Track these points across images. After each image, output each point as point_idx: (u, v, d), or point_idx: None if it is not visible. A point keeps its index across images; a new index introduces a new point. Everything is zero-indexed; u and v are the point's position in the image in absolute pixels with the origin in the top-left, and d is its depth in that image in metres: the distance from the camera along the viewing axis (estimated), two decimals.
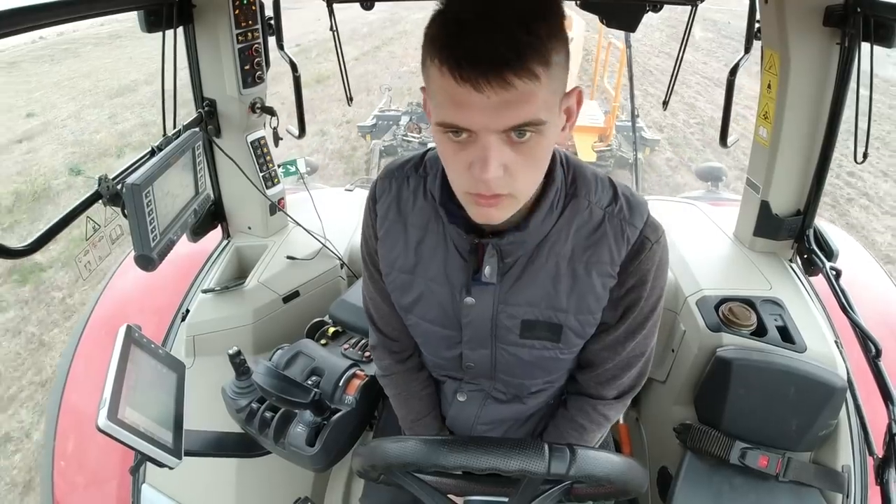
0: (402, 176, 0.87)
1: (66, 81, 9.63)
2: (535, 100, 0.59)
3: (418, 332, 0.94)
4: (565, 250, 0.80)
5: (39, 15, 0.83)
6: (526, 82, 0.58)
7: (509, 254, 0.79)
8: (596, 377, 0.92)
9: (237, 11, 1.35)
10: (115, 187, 1.02)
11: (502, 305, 0.83)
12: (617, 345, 0.88)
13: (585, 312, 0.82)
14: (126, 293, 1.74)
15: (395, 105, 6.33)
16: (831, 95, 1.25)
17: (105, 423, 0.73)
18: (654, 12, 1.48)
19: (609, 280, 0.81)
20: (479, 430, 1.00)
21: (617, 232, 0.79)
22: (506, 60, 0.56)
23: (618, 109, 5.33)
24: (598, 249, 0.79)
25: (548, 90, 0.60)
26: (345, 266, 1.65)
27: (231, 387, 1.06)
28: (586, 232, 0.79)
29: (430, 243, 0.84)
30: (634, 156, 4.50)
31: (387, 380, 1.04)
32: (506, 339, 0.86)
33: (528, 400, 0.97)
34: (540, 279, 0.81)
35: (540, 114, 0.61)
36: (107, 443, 0.74)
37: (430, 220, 0.84)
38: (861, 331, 1.16)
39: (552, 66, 0.60)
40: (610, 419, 0.97)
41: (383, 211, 0.88)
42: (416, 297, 0.88)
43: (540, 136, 0.63)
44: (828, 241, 1.40)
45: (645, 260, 0.79)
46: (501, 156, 0.62)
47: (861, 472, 1.17)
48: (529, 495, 0.79)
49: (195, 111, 1.43)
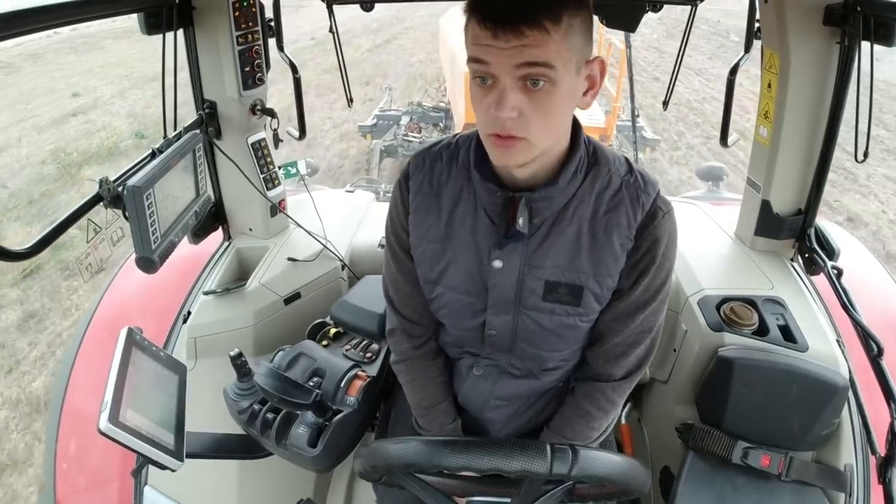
0: (434, 153, 0.94)
1: (97, 69, 10.39)
2: (545, 47, 0.69)
3: (443, 303, 0.97)
4: (587, 213, 0.87)
5: (40, 17, 0.83)
6: (536, 33, 0.68)
7: (538, 212, 0.86)
8: (605, 353, 0.96)
9: (237, 13, 1.35)
10: (117, 189, 1.02)
11: (528, 267, 0.88)
12: (628, 316, 0.92)
13: (604, 275, 0.88)
14: (127, 295, 1.74)
15: (396, 105, 6.33)
16: (831, 95, 1.25)
17: (106, 426, 0.73)
18: (653, 12, 1.48)
19: (627, 242, 0.87)
20: (491, 404, 1.02)
21: (633, 198, 0.86)
22: (520, 14, 0.68)
23: (618, 109, 5.33)
24: (616, 213, 0.86)
25: (560, 43, 0.70)
26: (346, 267, 1.65)
27: (233, 388, 1.06)
28: (606, 196, 0.87)
29: (460, 211, 0.91)
30: (635, 156, 4.50)
31: (403, 365, 1.06)
32: (529, 302, 0.91)
33: (542, 376, 1.00)
34: (563, 241, 0.87)
35: (549, 57, 0.70)
36: (108, 445, 0.74)
37: (463, 189, 0.91)
38: (863, 330, 1.16)
39: (563, 24, 0.70)
40: (616, 404, 0.99)
41: (416, 186, 0.94)
42: (445, 266, 0.93)
43: (552, 86, 0.72)
44: (829, 240, 1.40)
45: (658, 226, 0.87)
46: (516, 99, 0.72)
47: (863, 472, 1.16)
48: (532, 496, 0.79)
49: (196, 113, 1.43)
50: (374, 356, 1.24)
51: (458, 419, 1.05)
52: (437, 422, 1.04)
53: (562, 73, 0.72)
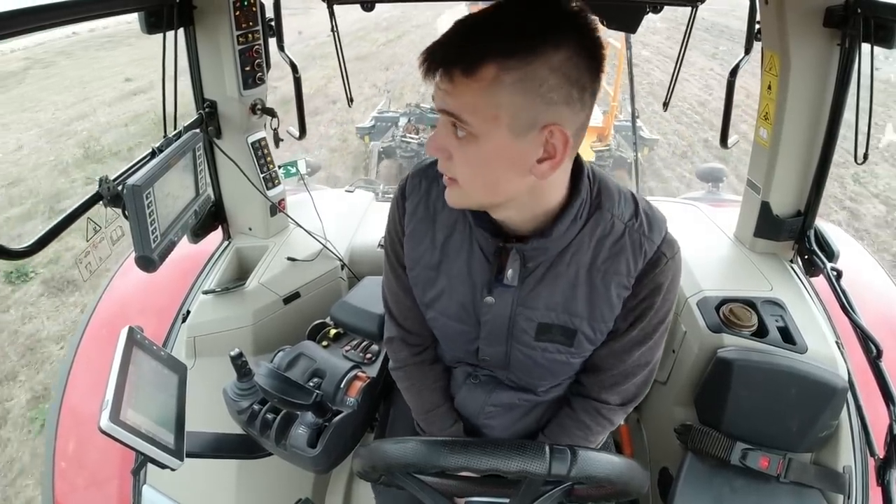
0: (433, 175, 0.90)
1: (135, 61, 10.92)
2: (456, 97, 0.68)
3: (437, 326, 0.97)
4: (586, 259, 0.83)
5: (41, 16, 0.83)
6: (462, 81, 0.66)
7: (532, 258, 0.83)
8: (600, 382, 0.94)
9: (238, 13, 1.35)
10: (116, 188, 1.02)
11: (521, 308, 0.86)
12: (623, 352, 0.90)
13: (599, 320, 0.86)
14: (127, 294, 1.74)
15: (394, 106, 6.33)
16: (831, 96, 1.25)
17: (107, 425, 0.73)
18: (654, 13, 1.48)
19: (624, 291, 0.84)
20: (487, 411, 1.02)
21: (636, 245, 0.82)
22: (440, 57, 0.67)
23: (616, 109, 5.33)
24: (616, 261, 0.82)
25: (477, 97, 0.67)
26: (345, 267, 1.65)
27: (232, 388, 1.06)
28: (607, 244, 0.83)
29: (455, 242, 0.88)
30: (635, 156, 4.50)
31: (401, 372, 1.06)
32: (521, 339, 0.89)
33: (539, 393, 0.99)
34: (559, 285, 0.84)
35: (458, 109, 0.68)
36: (108, 444, 0.74)
37: (458, 220, 0.88)
38: (862, 331, 1.16)
39: (482, 78, 0.65)
40: (613, 423, 0.98)
41: (412, 208, 0.91)
42: (438, 293, 0.92)
43: (474, 139, 0.69)
44: (828, 241, 1.40)
45: (659, 274, 0.83)
46: (445, 139, 0.72)
47: (862, 473, 1.16)
48: (530, 496, 0.79)
49: (196, 112, 1.43)
50: (373, 357, 1.24)
51: (460, 422, 1.04)
52: (437, 425, 1.03)
53: (482, 129, 0.68)
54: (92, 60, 11.34)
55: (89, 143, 6.88)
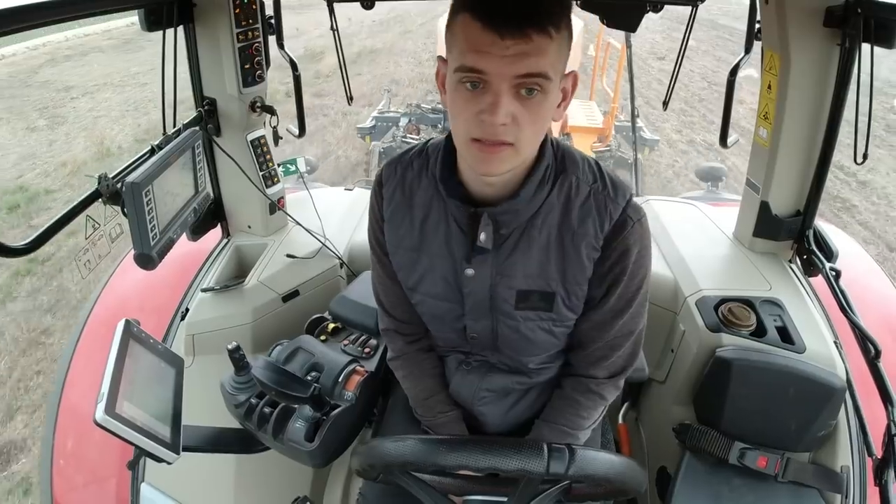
0: (406, 161, 0.94)
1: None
2: (546, 55, 0.69)
3: (424, 310, 0.99)
4: (555, 222, 0.86)
5: (41, 13, 0.83)
6: (541, 38, 0.68)
7: (504, 224, 0.85)
8: (586, 357, 0.97)
9: (237, 10, 1.35)
10: (115, 186, 1.02)
11: (499, 276, 0.89)
12: (605, 324, 0.92)
13: (573, 283, 0.88)
14: (126, 292, 1.74)
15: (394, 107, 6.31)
16: (831, 96, 1.25)
17: (102, 417, 0.73)
18: (654, 12, 1.48)
19: (593, 252, 0.87)
20: (481, 397, 1.03)
21: (601, 207, 0.85)
22: (528, 16, 0.67)
23: (616, 110, 5.32)
24: (583, 223, 0.85)
25: (556, 53, 0.71)
26: (344, 265, 1.65)
27: (230, 382, 1.06)
28: (576, 205, 0.86)
29: (433, 220, 0.91)
30: (634, 156, 4.49)
31: (398, 361, 1.07)
32: (503, 309, 0.91)
33: (530, 373, 1.01)
34: (533, 250, 0.87)
35: (548, 69, 0.70)
36: (106, 441, 0.74)
37: (433, 198, 0.91)
38: (860, 332, 1.16)
39: (562, 33, 0.70)
40: (605, 398, 0.99)
41: (389, 194, 0.94)
42: (422, 274, 0.94)
43: (544, 95, 0.72)
44: (827, 241, 1.40)
45: (627, 236, 0.85)
46: (510, 105, 0.71)
47: (860, 473, 1.17)
48: (528, 495, 0.79)
49: (195, 110, 1.42)
50: (372, 351, 1.24)
51: (458, 408, 1.05)
52: (435, 410, 1.04)
53: (553, 84, 0.72)
54: (131, 56, 10.95)
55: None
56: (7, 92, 8.43)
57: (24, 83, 8.86)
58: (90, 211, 1.02)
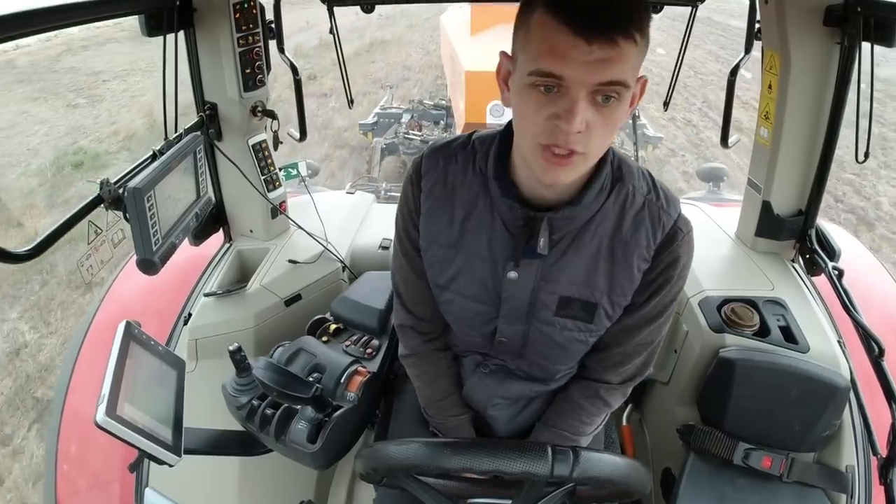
0: (449, 153, 0.89)
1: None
2: (629, 62, 0.66)
3: (452, 309, 0.95)
4: (608, 230, 0.84)
5: (42, 19, 0.83)
6: (627, 44, 0.65)
7: (559, 229, 0.83)
8: (602, 360, 0.95)
9: (238, 15, 1.35)
10: (117, 191, 1.02)
11: (543, 281, 0.86)
12: (633, 329, 0.91)
13: (619, 294, 0.87)
14: (128, 297, 1.74)
15: (397, 103, 6.32)
16: (832, 95, 1.25)
17: (103, 419, 0.72)
18: (654, 13, 1.48)
19: (643, 263, 0.85)
20: (494, 403, 1.02)
21: (654, 218, 0.84)
22: (614, 19, 0.64)
23: None
24: (637, 232, 0.84)
25: (637, 59, 0.68)
26: (346, 269, 1.65)
27: (231, 384, 1.05)
28: (629, 214, 0.84)
29: (476, 218, 0.87)
30: (635, 155, 4.50)
31: (412, 359, 1.05)
32: (541, 315, 0.89)
33: (547, 381, 0.99)
34: (582, 258, 0.85)
35: (629, 76, 0.67)
36: (109, 446, 0.74)
37: (478, 195, 0.87)
38: (864, 331, 1.15)
39: (645, 38, 0.67)
40: (610, 405, 0.99)
41: (429, 186, 0.89)
42: (455, 273, 0.90)
43: (620, 102, 0.69)
44: (830, 240, 1.40)
45: (676, 248, 0.85)
46: (586, 112, 0.67)
47: (865, 473, 1.16)
48: (533, 498, 0.79)
49: (196, 115, 1.43)
50: (374, 352, 1.24)
51: (469, 412, 1.04)
52: (448, 413, 1.03)
53: (630, 91, 0.69)
54: (151, 49, 11.84)
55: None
56: (34, 77, 8.77)
57: (49, 69, 9.23)
58: (92, 216, 1.02)
